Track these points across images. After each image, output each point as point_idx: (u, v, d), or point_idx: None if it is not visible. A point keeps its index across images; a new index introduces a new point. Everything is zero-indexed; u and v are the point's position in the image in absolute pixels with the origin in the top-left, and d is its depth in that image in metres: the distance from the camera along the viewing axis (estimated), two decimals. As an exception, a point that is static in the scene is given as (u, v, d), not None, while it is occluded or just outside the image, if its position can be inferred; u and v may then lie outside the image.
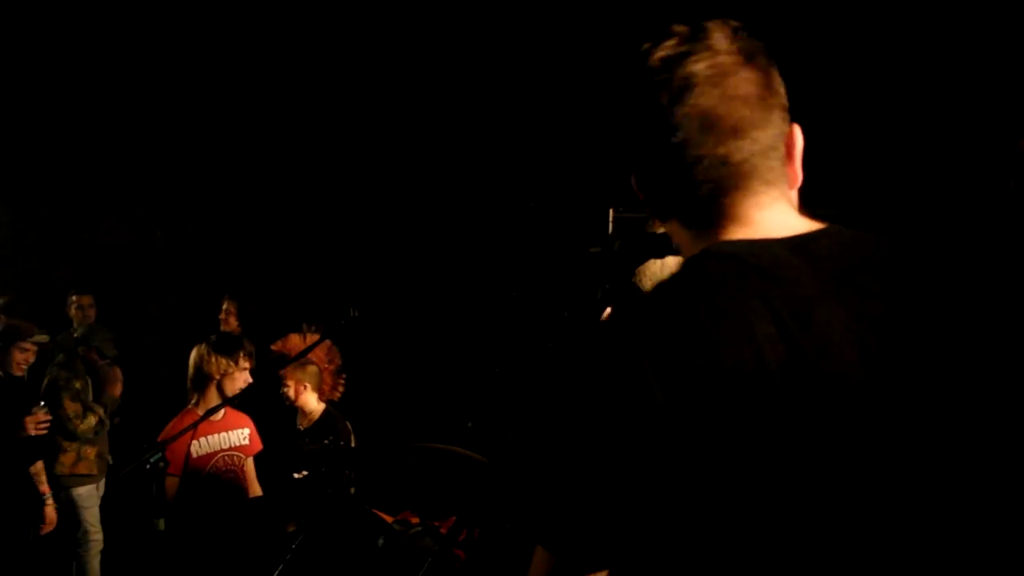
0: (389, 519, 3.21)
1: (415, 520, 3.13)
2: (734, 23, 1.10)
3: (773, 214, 1.08)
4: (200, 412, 3.56)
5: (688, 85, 1.05)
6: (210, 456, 3.61)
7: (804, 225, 1.08)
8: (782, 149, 1.10)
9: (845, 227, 1.09)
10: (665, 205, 1.13)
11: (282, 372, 3.91)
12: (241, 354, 3.66)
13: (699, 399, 0.92)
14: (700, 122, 1.05)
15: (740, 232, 1.08)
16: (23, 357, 4.40)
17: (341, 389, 4.13)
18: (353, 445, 3.90)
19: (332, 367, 4.13)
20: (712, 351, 0.94)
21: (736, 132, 1.06)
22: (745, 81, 1.06)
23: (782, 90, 1.10)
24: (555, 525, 1.01)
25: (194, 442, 3.38)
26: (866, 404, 0.94)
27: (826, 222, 1.11)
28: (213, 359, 3.59)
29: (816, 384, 0.94)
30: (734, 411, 0.92)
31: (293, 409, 4.12)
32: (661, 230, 1.40)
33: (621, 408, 0.95)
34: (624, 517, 0.97)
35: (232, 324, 5.25)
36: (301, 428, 4.05)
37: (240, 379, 3.62)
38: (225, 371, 3.59)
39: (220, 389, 3.61)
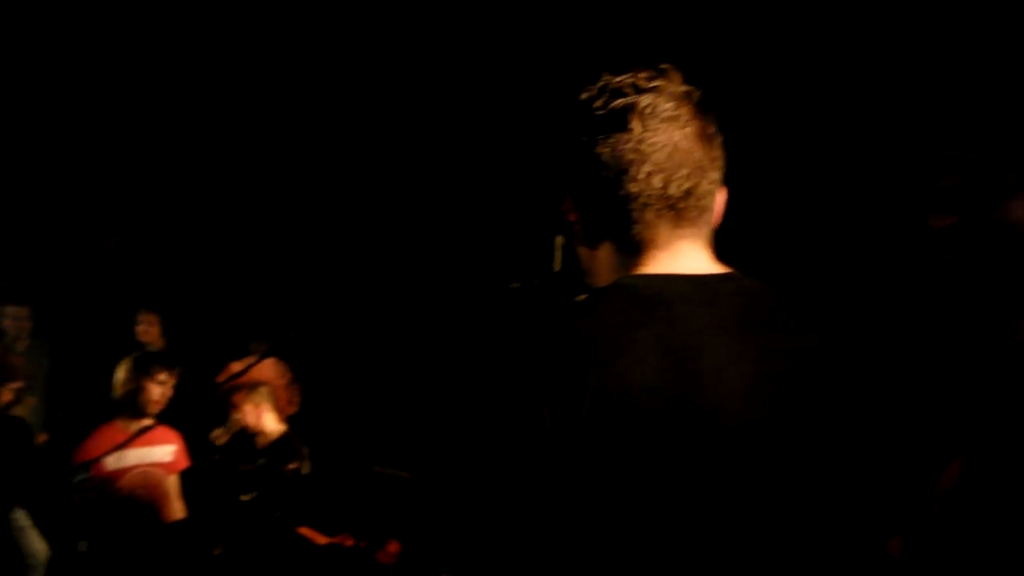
0: (325, 540, 3.10)
1: (350, 543, 3.00)
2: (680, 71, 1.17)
3: (692, 252, 1.14)
4: (121, 426, 3.58)
5: (651, 119, 1.11)
6: (125, 471, 3.52)
7: (715, 267, 1.15)
8: (715, 195, 1.17)
9: (746, 275, 1.16)
10: (601, 229, 1.16)
11: (235, 400, 3.83)
12: (158, 370, 3.64)
13: (585, 427, 0.97)
14: (660, 156, 1.11)
15: (660, 264, 1.13)
16: None
17: (297, 402, 3.99)
18: (307, 470, 3.79)
19: (284, 381, 4.00)
20: (600, 381, 0.98)
21: (687, 172, 1.12)
22: (700, 127, 1.13)
23: (719, 139, 1.18)
24: (463, 554, 1.04)
25: (109, 456, 3.26)
26: (740, 442, 1.00)
27: (732, 267, 1.18)
28: (131, 374, 3.61)
29: (696, 420, 0.99)
30: (617, 439, 0.97)
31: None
32: None
33: (515, 437, 1.00)
34: (527, 537, 1.00)
35: (153, 335, 5.08)
36: (259, 448, 3.92)
37: (157, 393, 3.61)
38: (141, 387, 3.59)
39: (139, 405, 3.59)
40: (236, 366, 3.68)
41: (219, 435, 4.05)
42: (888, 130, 3.29)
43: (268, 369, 3.85)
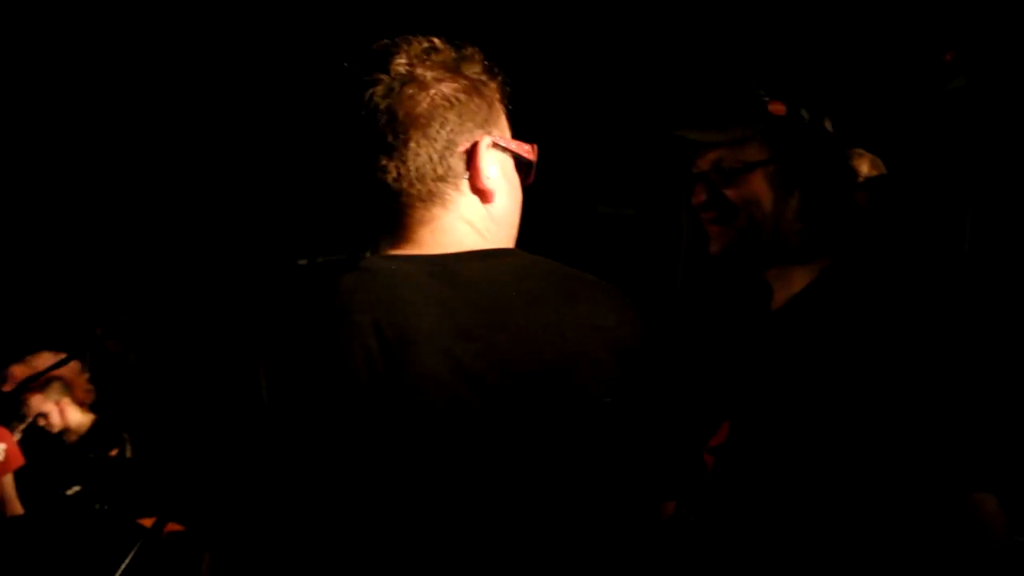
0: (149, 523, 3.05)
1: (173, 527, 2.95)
2: (430, 39, 1.15)
3: (432, 231, 1.13)
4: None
5: (359, 106, 1.10)
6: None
7: (470, 244, 1.13)
8: (455, 166, 1.13)
9: (511, 252, 1.16)
10: (359, 212, 1.17)
11: (28, 400, 3.64)
12: None
13: (298, 402, 1.01)
14: (364, 143, 1.11)
15: (400, 247, 1.13)
16: None
17: (93, 389, 3.85)
18: (129, 454, 3.68)
19: (75, 371, 3.86)
20: (316, 361, 1.01)
21: (392, 154, 1.10)
22: (412, 100, 1.10)
23: (477, 101, 1.15)
24: (199, 518, 1.07)
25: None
26: (451, 426, 1.01)
27: (505, 245, 1.18)
28: None
29: (402, 398, 1.01)
30: (328, 419, 1.00)
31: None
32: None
33: (235, 407, 1.04)
34: (249, 505, 1.03)
35: None
36: (71, 443, 3.77)
37: None
38: None
39: None
40: (18, 369, 3.57)
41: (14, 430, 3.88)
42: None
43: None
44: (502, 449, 1.01)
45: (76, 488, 3.16)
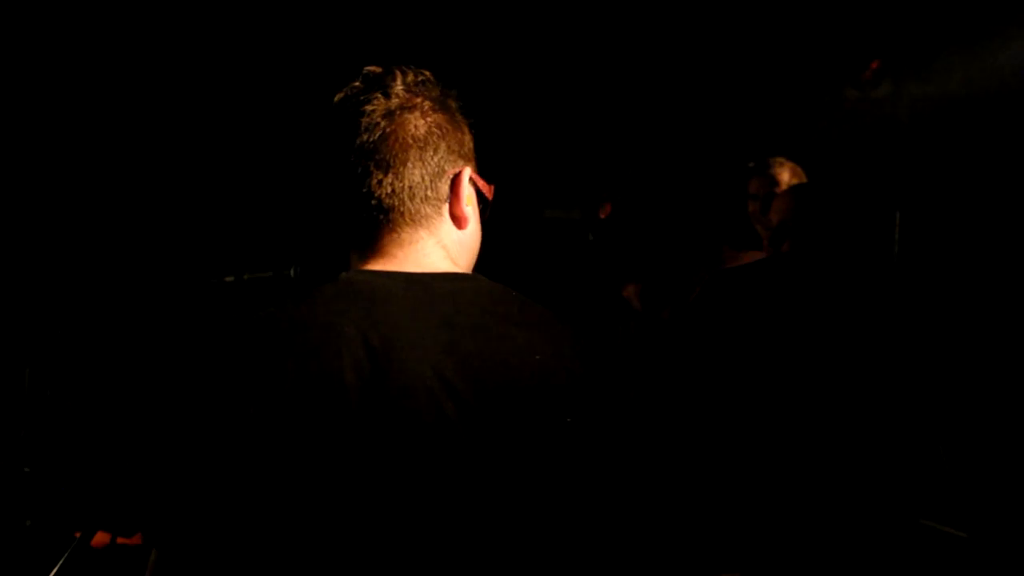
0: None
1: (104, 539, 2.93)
2: (422, 72, 1.22)
3: (418, 252, 1.18)
4: None
5: (358, 124, 1.16)
6: None
7: (442, 266, 1.19)
8: (441, 191, 1.20)
9: (475, 276, 1.21)
10: (339, 228, 1.22)
11: None
12: None
13: (282, 414, 1.00)
14: (361, 159, 1.16)
15: (382, 263, 1.17)
16: None
17: None
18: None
19: None
20: (299, 370, 1.02)
21: (388, 171, 1.16)
22: (411, 124, 1.17)
23: (460, 135, 1.23)
24: (154, 523, 1.05)
25: None
26: (429, 439, 1.02)
27: (468, 271, 1.24)
28: None
29: (384, 415, 1.02)
30: (309, 428, 1.00)
31: None
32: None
33: (215, 413, 1.03)
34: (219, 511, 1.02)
35: None
36: None
37: None
38: None
39: None
40: None
41: None
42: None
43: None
44: (483, 461, 1.04)
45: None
